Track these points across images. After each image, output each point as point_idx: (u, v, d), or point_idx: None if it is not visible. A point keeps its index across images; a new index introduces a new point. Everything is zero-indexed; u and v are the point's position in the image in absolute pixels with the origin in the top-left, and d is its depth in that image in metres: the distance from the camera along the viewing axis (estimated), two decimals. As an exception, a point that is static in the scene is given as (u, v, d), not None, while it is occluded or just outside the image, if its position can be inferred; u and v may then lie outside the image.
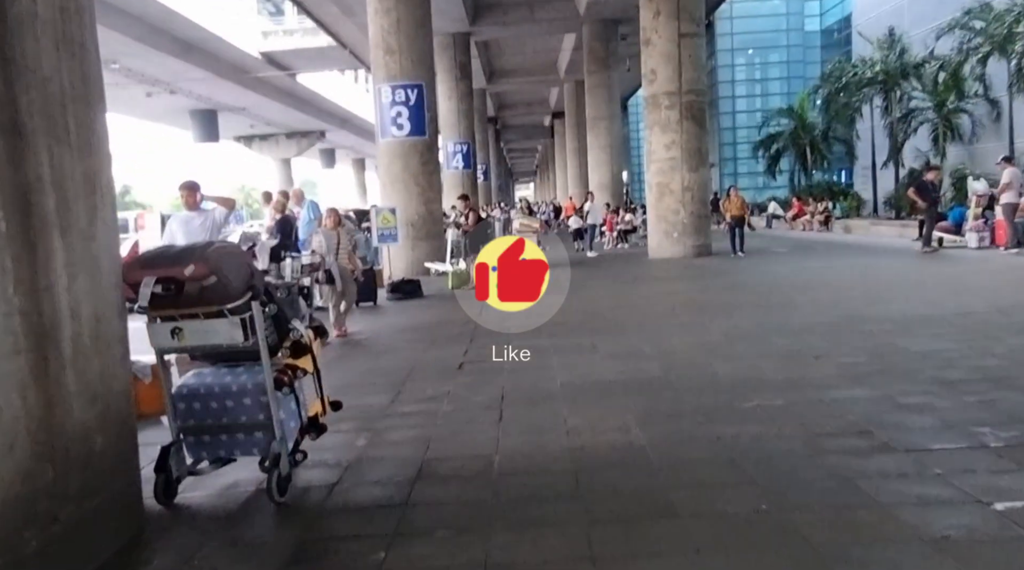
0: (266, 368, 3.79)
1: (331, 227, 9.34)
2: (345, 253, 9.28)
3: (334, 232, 9.26)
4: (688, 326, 8.34)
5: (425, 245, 17.11)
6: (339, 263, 9.10)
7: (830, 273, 12.93)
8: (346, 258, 9.30)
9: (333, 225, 9.37)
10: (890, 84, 25.40)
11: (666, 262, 16.60)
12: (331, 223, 9.41)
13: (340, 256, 9.16)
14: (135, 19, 28.17)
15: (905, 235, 19.74)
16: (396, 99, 16.71)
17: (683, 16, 16.83)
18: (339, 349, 8.37)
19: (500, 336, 8.47)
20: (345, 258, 9.27)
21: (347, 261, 9.30)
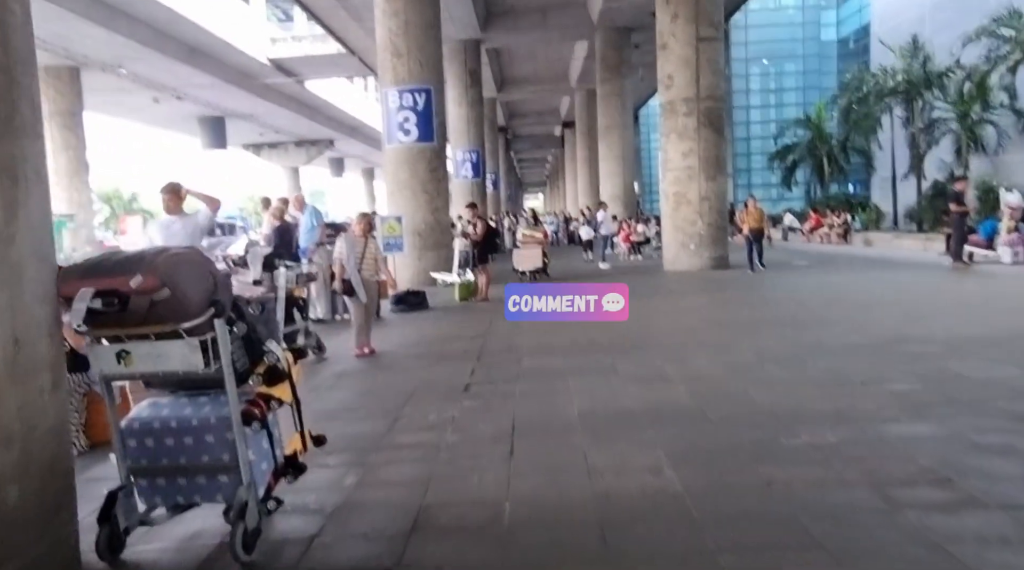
0: (232, 400, 3.15)
1: (359, 234, 8.48)
2: (372, 263, 8.42)
3: (362, 239, 8.39)
4: (714, 345, 7.67)
5: (432, 255, 16.51)
6: (363, 274, 8.25)
7: (859, 288, 12.23)
8: (373, 268, 8.44)
9: (362, 232, 8.50)
10: (913, 93, 24.69)
11: (682, 275, 15.93)
12: (359, 230, 8.54)
13: (365, 267, 8.29)
14: (141, 23, 27.78)
15: (930, 249, 19.01)
16: (403, 103, 16.14)
17: (701, 20, 16.21)
18: (342, 367, 7.73)
19: (510, 353, 7.85)
20: (372, 269, 8.42)
21: (375, 272, 8.47)
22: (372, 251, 8.40)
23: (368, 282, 8.27)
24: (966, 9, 25.57)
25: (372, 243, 8.50)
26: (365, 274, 8.27)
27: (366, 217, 8.91)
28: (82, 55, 29.29)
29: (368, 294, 8.26)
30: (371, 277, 8.34)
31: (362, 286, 8.17)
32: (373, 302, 8.54)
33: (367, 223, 8.68)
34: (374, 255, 8.44)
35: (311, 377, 7.15)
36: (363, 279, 8.16)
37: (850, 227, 25.08)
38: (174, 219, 7.31)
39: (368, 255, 8.33)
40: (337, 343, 9.22)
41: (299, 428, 3.69)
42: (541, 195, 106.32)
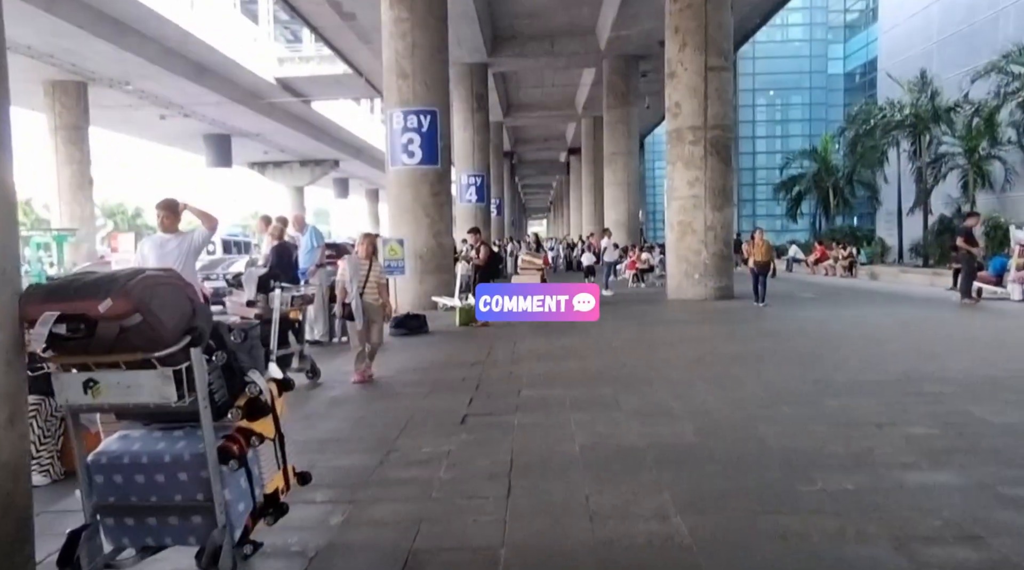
0: (207, 435, 2.91)
1: (363, 256, 8.08)
2: (376, 287, 8.04)
3: (366, 261, 8.03)
4: (721, 379, 7.41)
5: (433, 279, 16.30)
6: (366, 298, 7.89)
7: (867, 323, 11.98)
8: (376, 292, 8.06)
9: (366, 254, 8.11)
10: (920, 128, 24.58)
11: (687, 304, 15.70)
12: (363, 251, 8.14)
13: (368, 290, 7.93)
14: (150, 40, 27.86)
15: (937, 284, 18.79)
16: (408, 125, 16.01)
17: (710, 49, 16.13)
18: (336, 393, 7.48)
19: (511, 382, 7.61)
20: (375, 292, 8.05)
21: (378, 295, 8.09)
22: (376, 274, 8.08)
23: (371, 306, 7.95)
24: (974, 46, 25.55)
25: (376, 265, 8.19)
26: (368, 298, 7.95)
27: (370, 238, 8.45)
28: (90, 71, 29.37)
29: (370, 318, 7.94)
30: (374, 301, 8.00)
31: (361, 310, 7.85)
32: (378, 327, 8.13)
33: (371, 244, 8.30)
34: (377, 278, 8.10)
35: (304, 403, 6.91)
36: (365, 303, 7.87)
37: (856, 260, 24.88)
38: (169, 237, 7.12)
39: (372, 278, 8.01)
40: (333, 367, 8.99)
41: (282, 465, 3.45)
42: (544, 221, 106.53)
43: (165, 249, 6.98)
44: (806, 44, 53.44)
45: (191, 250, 6.91)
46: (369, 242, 8.27)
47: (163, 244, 7.05)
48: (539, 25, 27.43)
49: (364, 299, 7.83)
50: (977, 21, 26.80)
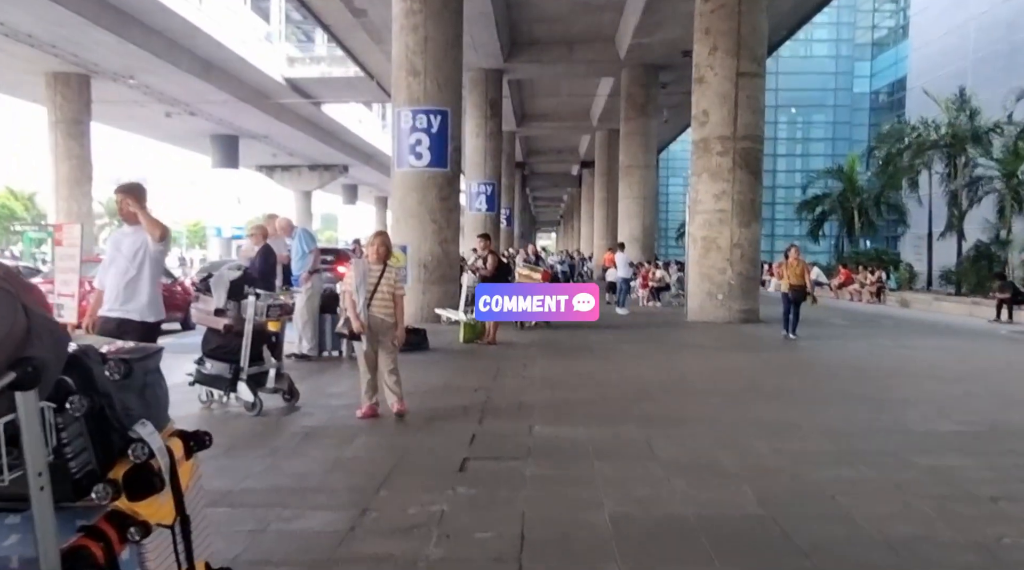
0: (42, 533, 1.78)
1: (374, 260, 6.43)
2: (389, 299, 6.35)
3: (378, 267, 6.40)
4: (772, 424, 6.24)
5: (438, 289, 15.20)
6: (374, 312, 6.29)
7: (918, 357, 10.75)
8: (389, 305, 6.36)
9: (377, 257, 6.43)
10: (957, 148, 23.40)
11: (709, 327, 14.53)
12: (374, 254, 6.43)
13: (377, 302, 6.30)
14: (155, 33, 26.94)
15: (976, 315, 17.58)
16: (417, 125, 14.94)
17: (743, 54, 15.03)
18: (313, 422, 6.33)
19: (520, 415, 6.46)
20: (388, 306, 6.35)
21: (391, 310, 6.37)
22: (389, 282, 6.40)
23: (380, 323, 6.33)
24: (1014, 64, 24.45)
25: (391, 272, 6.48)
26: (377, 312, 6.30)
27: (382, 237, 6.65)
28: (92, 63, 28.44)
29: (375, 338, 6.35)
30: (386, 316, 6.35)
31: (367, 328, 6.28)
32: (387, 352, 6.42)
33: (383, 245, 6.53)
34: (392, 288, 6.40)
35: (273, 435, 5.78)
36: (373, 318, 6.33)
37: (884, 286, 23.63)
38: (128, 232, 5.70)
39: (384, 287, 6.34)
40: (318, 386, 7.87)
41: (184, 564, 2.28)
42: (554, 234, 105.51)
43: (121, 246, 5.62)
44: (831, 60, 52.31)
45: (147, 257, 5.46)
46: (381, 242, 6.55)
47: (120, 241, 5.68)
48: (558, 31, 26.47)
49: (372, 313, 6.30)
50: (1017, 39, 25.70)
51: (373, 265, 6.40)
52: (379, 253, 6.43)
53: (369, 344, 6.33)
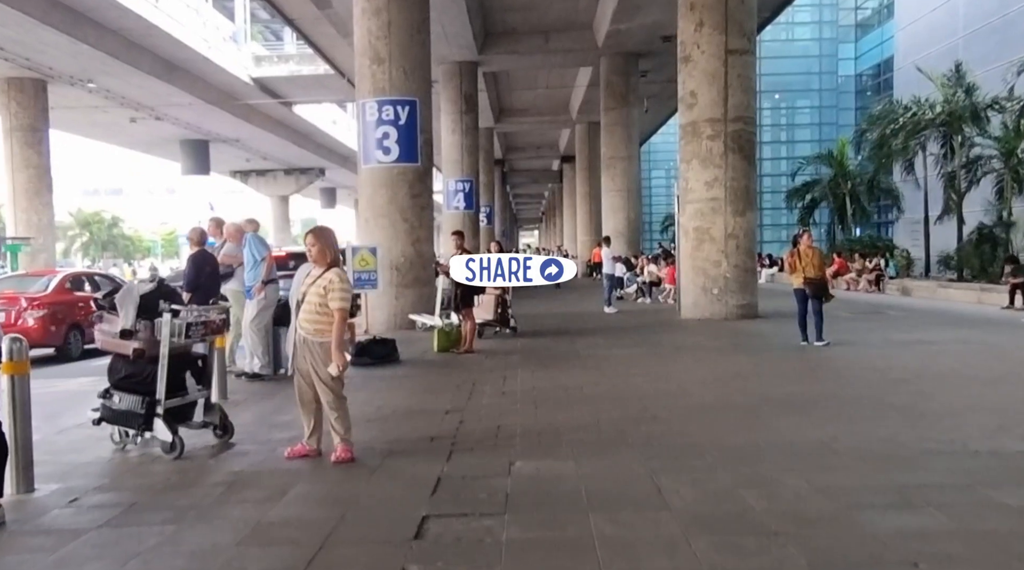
0: None
1: (318, 259, 5.10)
2: (314, 311, 5.01)
3: (334, 274, 5.02)
4: (803, 448, 5.15)
5: (412, 293, 14.11)
6: (299, 330, 5.05)
7: (942, 352, 9.64)
8: (320, 320, 4.99)
9: (322, 257, 5.10)
10: (955, 127, 22.43)
11: (705, 325, 13.47)
12: (319, 254, 5.09)
13: (302, 315, 5.04)
14: (111, 33, 25.64)
15: (985, 301, 16.62)
16: (384, 117, 13.81)
17: (731, 28, 13.97)
18: (241, 466, 5.20)
19: (498, 446, 5.36)
20: (315, 320, 5.00)
21: (320, 324, 5.00)
22: (318, 291, 4.98)
23: (302, 342, 5.05)
24: (1008, 38, 23.56)
25: (331, 279, 5.00)
26: (300, 327, 5.05)
27: (314, 234, 5.25)
28: (46, 66, 27.07)
29: (304, 363, 5.08)
30: (310, 335, 5.02)
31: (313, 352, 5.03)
32: (322, 381, 5.03)
33: (314, 245, 5.13)
34: (321, 297, 4.97)
35: (189, 486, 4.64)
36: (298, 336, 5.06)
37: (884, 273, 22.64)
38: None
39: (311, 297, 5.01)
40: (262, 414, 6.74)
41: None
42: (537, 232, 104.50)
43: None
44: (815, 43, 51.28)
45: None
46: (312, 242, 5.15)
47: None
48: (533, 19, 25.42)
49: (299, 323, 5.11)
50: (1012, 12, 24.81)
51: (313, 269, 5.23)
52: (312, 255, 5.18)
53: (297, 371, 5.17)
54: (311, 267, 5.22)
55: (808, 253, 10.46)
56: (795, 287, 10.55)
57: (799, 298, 10.45)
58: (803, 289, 10.33)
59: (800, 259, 10.42)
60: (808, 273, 10.34)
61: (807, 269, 10.34)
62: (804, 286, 10.31)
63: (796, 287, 10.51)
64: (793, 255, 10.56)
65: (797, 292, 10.49)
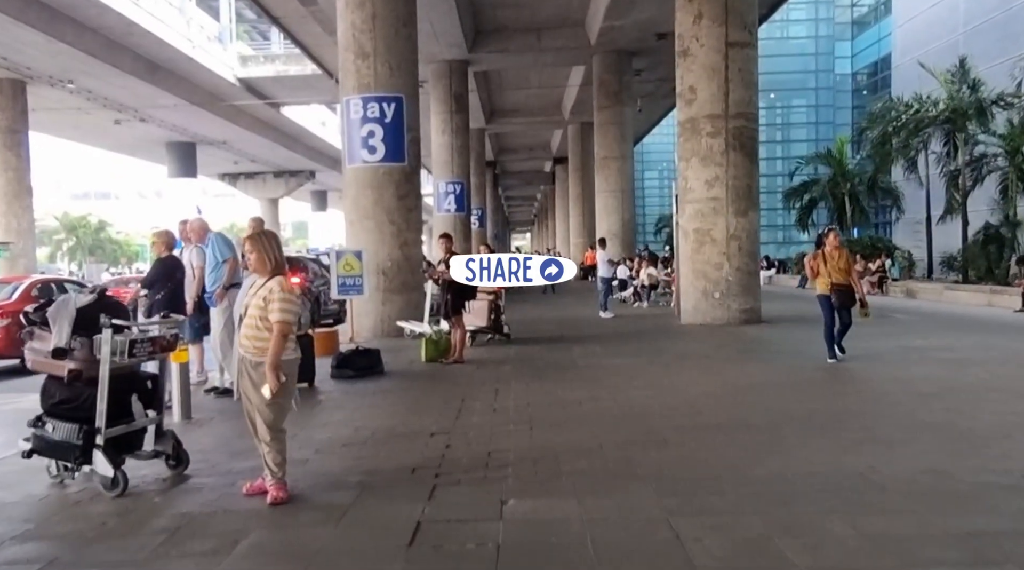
0: None
1: (258, 267, 4.42)
2: (255, 326, 4.31)
3: (276, 283, 4.31)
4: (836, 478, 4.50)
5: (399, 299, 13.45)
6: (240, 349, 4.40)
7: (968, 361, 8.93)
8: (261, 336, 4.29)
9: (261, 265, 4.40)
10: (959, 124, 21.83)
11: (707, 331, 12.84)
12: (257, 262, 4.40)
13: (244, 329, 4.38)
14: (90, 31, 24.90)
15: (995, 304, 16.04)
16: (369, 114, 13.17)
17: (732, 20, 13.36)
18: (189, 507, 4.51)
19: (488, 478, 4.69)
20: (256, 337, 4.31)
21: (262, 341, 4.28)
22: (259, 303, 4.30)
23: (240, 361, 4.40)
24: (1009, 34, 23.03)
25: (265, 289, 4.32)
26: (241, 343, 4.39)
27: (252, 240, 4.49)
28: (25, 66, 26.31)
29: (244, 389, 4.41)
30: (248, 354, 4.34)
31: (248, 374, 4.36)
32: (260, 404, 4.33)
33: (254, 250, 4.43)
34: (261, 310, 4.28)
35: (125, 534, 3.95)
36: (240, 358, 4.44)
37: (887, 275, 22.03)
38: None
39: (253, 310, 4.33)
40: (225, 439, 6.06)
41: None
42: (529, 234, 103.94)
43: None
44: (810, 42, 50.68)
45: None
46: (251, 247, 4.45)
47: None
48: (524, 16, 24.82)
49: (240, 339, 4.46)
50: (1014, 7, 24.29)
51: (258, 279, 4.54)
52: (250, 263, 4.48)
53: (244, 395, 4.48)
54: (256, 277, 4.53)
55: (835, 255, 9.13)
56: (819, 294, 9.22)
57: (824, 307, 9.12)
58: (828, 296, 9.02)
59: (825, 262, 9.09)
60: (834, 277, 9.03)
61: (833, 273, 9.04)
62: (830, 293, 9.00)
63: (820, 294, 9.19)
64: (817, 257, 9.26)
65: (822, 300, 9.15)
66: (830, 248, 9.17)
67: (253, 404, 4.40)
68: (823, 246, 9.34)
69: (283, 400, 4.39)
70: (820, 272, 9.13)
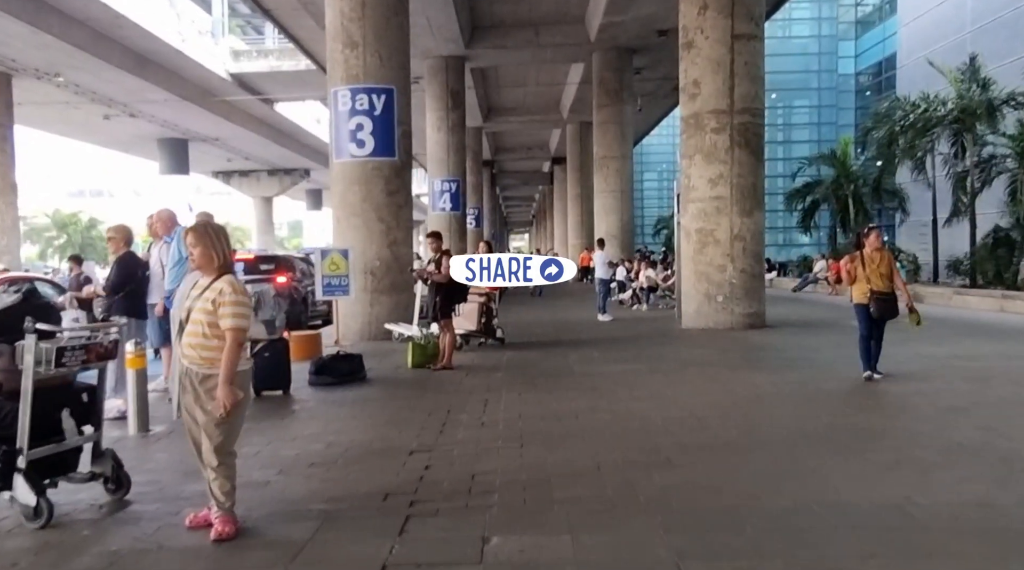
0: None
1: (203, 265, 3.82)
2: (200, 333, 3.72)
3: (226, 283, 3.74)
4: (870, 515, 3.92)
5: (388, 300, 12.86)
6: (190, 361, 3.74)
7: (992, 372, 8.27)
8: (207, 344, 3.72)
9: (207, 262, 3.80)
10: (968, 124, 21.25)
11: (709, 336, 12.26)
12: (202, 259, 3.80)
13: (185, 337, 3.76)
14: (77, 23, 24.26)
15: (1008, 309, 15.48)
16: (357, 107, 12.58)
17: (738, 12, 12.79)
18: (119, 545, 3.91)
19: (471, 507, 4.09)
20: (200, 345, 3.72)
21: (209, 350, 3.71)
22: (205, 307, 3.71)
23: (184, 373, 3.78)
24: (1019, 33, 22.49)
25: (213, 291, 3.74)
26: (183, 352, 3.77)
27: (195, 233, 3.85)
28: (9, 58, 25.65)
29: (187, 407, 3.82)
30: (192, 365, 3.74)
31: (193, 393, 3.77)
32: (206, 423, 3.74)
33: (196, 244, 3.81)
34: (208, 315, 3.70)
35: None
36: (181, 364, 3.81)
37: (893, 279, 21.33)
38: None
39: (197, 314, 3.73)
40: (179, 457, 5.40)
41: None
42: (527, 235, 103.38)
43: None
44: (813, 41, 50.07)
45: None
46: (193, 241, 3.81)
47: None
48: (523, 11, 24.26)
49: (182, 350, 3.83)
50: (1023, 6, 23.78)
51: (201, 278, 3.94)
52: (193, 260, 3.85)
53: (185, 412, 3.87)
54: (198, 275, 3.92)
55: (875, 257, 7.81)
56: (856, 303, 7.92)
57: (861, 317, 7.85)
58: (867, 306, 7.73)
59: (864, 265, 7.78)
60: (875, 284, 7.69)
61: (873, 279, 7.70)
62: (869, 302, 7.70)
63: (858, 303, 7.88)
64: (855, 260, 7.93)
65: (858, 310, 7.87)
66: (870, 249, 7.89)
67: (198, 424, 3.80)
68: (861, 247, 8.02)
69: (235, 419, 3.80)
70: (858, 277, 7.85)
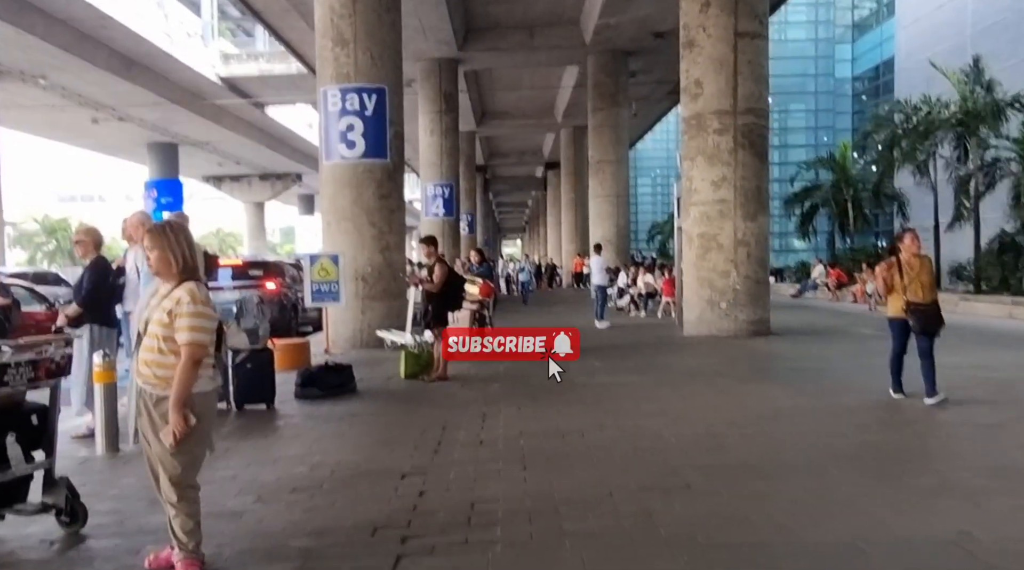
0: None
1: (161, 270, 3.31)
2: (155, 349, 3.22)
3: (185, 291, 3.22)
4: (928, 556, 3.48)
5: (380, 307, 12.39)
6: (144, 379, 3.24)
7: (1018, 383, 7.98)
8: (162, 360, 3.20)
9: (164, 267, 3.28)
10: (973, 127, 20.93)
11: (713, 344, 11.82)
12: (159, 263, 3.28)
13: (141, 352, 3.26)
14: (60, 23, 23.75)
15: (1017, 316, 15.12)
16: (348, 107, 12.12)
17: (741, 9, 12.40)
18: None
19: (471, 542, 3.62)
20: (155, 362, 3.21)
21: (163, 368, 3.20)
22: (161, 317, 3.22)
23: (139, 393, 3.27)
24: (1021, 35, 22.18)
25: (171, 300, 3.24)
26: (138, 370, 3.27)
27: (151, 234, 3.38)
28: (-8, 59, 25.16)
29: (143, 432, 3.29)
30: (146, 384, 3.24)
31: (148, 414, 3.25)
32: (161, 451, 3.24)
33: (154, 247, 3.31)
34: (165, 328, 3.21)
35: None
36: (137, 386, 3.28)
37: (895, 285, 20.99)
38: None
39: (154, 327, 3.22)
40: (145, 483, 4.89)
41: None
42: (520, 241, 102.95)
43: None
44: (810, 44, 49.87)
45: None
46: (151, 244, 3.32)
47: None
48: (517, 13, 23.86)
49: (137, 363, 3.29)
50: (1026, 7, 23.54)
51: (161, 286, 3.43)
52: (150, 264, 3.36)
53: (142, 437, 3.33)
54: (159, 282, 3.43)
55: (914, 264, 6.84)
56: (891, 316, 7.08)
57: (896, 333, 7.04)
58: (904, 320, 6.87)
59: (902, 273, 6.82)
60: (915, 295, 6.76)
61: (912, 288, 6.77)
62: (907, 315, 6.81)
63: (892, 316, 7.04)
64: (892, 267, 6.91)
65: (894, 324, 7.04)
66: (908, 255, 6.86)
67: (154, 452, 3.31)
68: (897, 252, 6.99)
69: (195, 447, 3.30)
70: (895, 287, 6.87)
